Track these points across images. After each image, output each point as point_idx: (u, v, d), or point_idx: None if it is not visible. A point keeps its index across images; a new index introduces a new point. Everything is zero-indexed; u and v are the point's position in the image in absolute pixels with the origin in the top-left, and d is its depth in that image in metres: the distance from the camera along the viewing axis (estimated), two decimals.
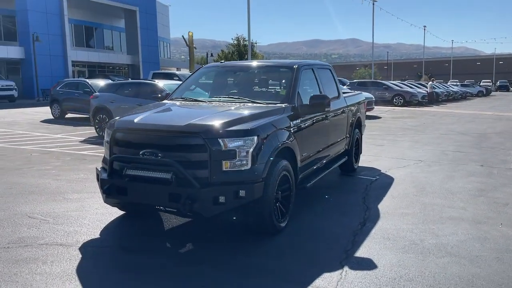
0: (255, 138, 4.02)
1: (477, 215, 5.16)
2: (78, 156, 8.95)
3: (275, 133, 4.32)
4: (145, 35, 42.67)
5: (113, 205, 4.32)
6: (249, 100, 4.99)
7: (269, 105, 4.83)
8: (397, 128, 14.94)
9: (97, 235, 4.34)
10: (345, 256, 3.90)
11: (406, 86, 30.94)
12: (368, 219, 4.98)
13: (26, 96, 31.82)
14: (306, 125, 5.08)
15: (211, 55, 49.71)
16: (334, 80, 6.71)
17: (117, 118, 4.54)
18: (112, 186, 4.09)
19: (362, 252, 4.00)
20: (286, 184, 4.57)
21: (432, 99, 30.79)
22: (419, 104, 28.34)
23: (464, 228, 4.70)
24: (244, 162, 3.95)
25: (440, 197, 5.95)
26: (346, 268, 3.63)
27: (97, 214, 4.98)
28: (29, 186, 6.32)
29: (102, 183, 4.16)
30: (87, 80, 17.48)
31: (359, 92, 8.87)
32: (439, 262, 3.78)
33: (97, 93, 12.27)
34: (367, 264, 3.72)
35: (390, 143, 11.25)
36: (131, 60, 42.45)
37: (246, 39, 53.65)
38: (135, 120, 4.25)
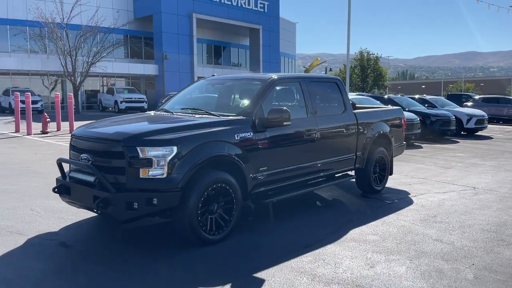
0: (174, 148, 4.14)
1: (455, 252, 4.43)
2: None
3: (206, 144, 4.37)
4: (267, 51, 44.50)
5: (69, 204, 4.81)
6: (206, 112, 5.12)
7: (221, 117, 4.89)
8: (495, 150, 13.11)
9: (57, 229, 4.90)
10: (245, 275, 3.77)
11: None
12: (320, 241, 4.64)
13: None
14: (266, 138, 4.97)
15: (330, 69, 49.42)
16: (341, 94, 6.36)
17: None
18: (61, 186, 4.61)
19: (265, 273, 3.79)
20: (227, 197, 4.57)
21: None
22: None
23: (417, 263, 4.10)
24: (161, 170, 4.10)
25: (440, 229, 5.22)
26: (227, 286, 3.53)
27: (83, 212, 5.53)
28: None
29: (56, 182, 4.72)
30: None
31: (394, 107, 8.15)
32: None
33: None
34: (252, 285, 3.55)
35: (463, 166, 10.01)
36: None
37: (371, 53, 52.37)
38: (86, 128, 4.73)
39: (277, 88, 5.46)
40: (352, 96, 15.94)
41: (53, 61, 31.31)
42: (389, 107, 8.27)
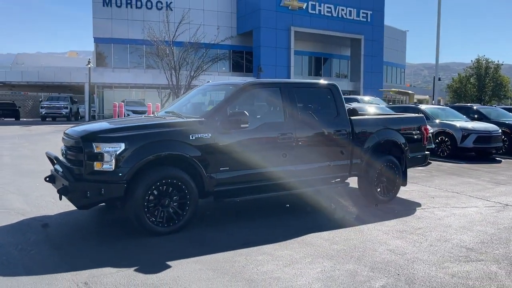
0: (122, 144, 4.65)
1: (395, 263, 4.21)
2: None
3: (156, 142, 4.80)
4: (369, 61, 43.33)
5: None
6: (177, 115, 5.56)
7: (185, 119, 5.29)
8: None
9: (53, 214, 5.75)
10: (159, 262, 4.08)
11: None
12: (264, 241, 4.73)
13: None
14: (229, 140, 5.22)
15: (439, 79, 45.91)
16: (335, 100, 6.28)
17: None
18: (51, 176, 5.43)
19: (178, 262, 4.07)
20: (181, 192, 4.94)
21: None
22: None
23: (337, 268, 4.02)
24: (109, 164, 4.64)
25: (408, 241, 4.92)
26: (132, 268, 3.90)
27: None
28: None
29: (50, 172, 5.56)
30: None
31: (415, 115, 7.62)
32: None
33: None
34: (154, 270, 3.87)
35: None
36: (353, 86, 43.77)
37: (491, 60, 47.71)
38: (72, 127, 5.49)
39: (251, 93, 5.67)
40: (425, 106, 15.00)
41: (162, 75, 34.56)
42: (408, 114, 7.79)
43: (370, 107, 13.00)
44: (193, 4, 39.02)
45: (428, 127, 12.05)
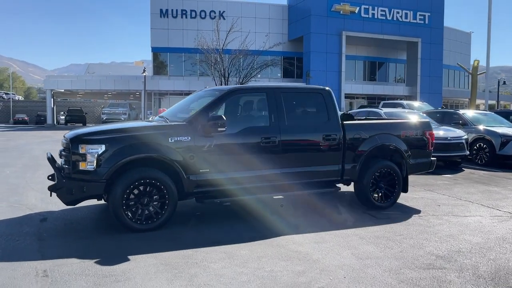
0: (103, 146, 5.03)
1: (350, 266, 4.20)
2: None
3: (134, 144, 5.12)
4: (426, 65, 41.68)
5: None
6: (165, 119, 5.86)
7: (168, 123, 5.59)
8: None
9: (57, 210, 6.27)
10: (122, 255, 4.36)
11: None
12: (230, 241, 4.89)
13: None
14: (209, 143, 5.42)
15: (504, 83, 43.15)
16: (326, 105, 6.29)
17: None
18: (53, 174, 5.94)
19: (139, 257, 4.34)
20: (160, 192, 5.23)
21: None
22: None
23: (287, 269, 4.08)
24: (91, 164, 5.04)
25: (380, 246, 4.86)
26: (95, 260, 4.22)
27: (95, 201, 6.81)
28: None
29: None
30: None
31: (419, 120, 7.34)
32: None
33: None
34: (114, 261, 4.17)
35: None
36: (409, 91, 42.25)
37: None
38: (70, 130, 5.98)
39: (236, 98, 5.85)
40: (465, 111, 14.28)
41: (213, 82, 35.64)
42: (411, 119, 7.53)
43: (405, 112, 12.65)
44: (245, 12, 39.84)
45: (462, 133, 11.56)
